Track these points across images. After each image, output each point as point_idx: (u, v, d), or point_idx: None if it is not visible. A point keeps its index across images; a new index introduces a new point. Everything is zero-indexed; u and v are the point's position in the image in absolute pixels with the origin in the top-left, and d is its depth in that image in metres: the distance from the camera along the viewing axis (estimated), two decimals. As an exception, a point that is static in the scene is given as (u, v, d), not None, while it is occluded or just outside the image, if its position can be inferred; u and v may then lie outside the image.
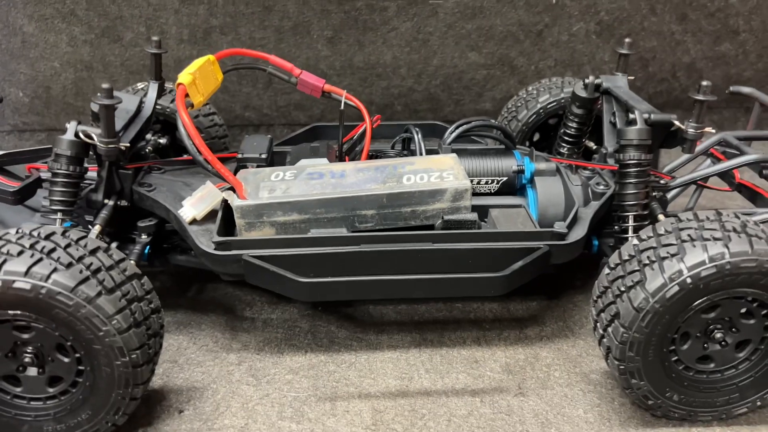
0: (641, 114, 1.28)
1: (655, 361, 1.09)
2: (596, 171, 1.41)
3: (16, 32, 2.06)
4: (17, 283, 0.96)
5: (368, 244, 1.20)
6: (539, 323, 1.43)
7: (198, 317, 1.43)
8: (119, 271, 1.04)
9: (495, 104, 2.25)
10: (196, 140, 1.18)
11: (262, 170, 1.31)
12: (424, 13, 2.12)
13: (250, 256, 1.17)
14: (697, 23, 2.23)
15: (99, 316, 0.98)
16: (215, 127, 1.69)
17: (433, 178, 1.25)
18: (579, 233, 1.26)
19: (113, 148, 1.20)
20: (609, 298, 1.11)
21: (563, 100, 1.65)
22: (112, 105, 1.16)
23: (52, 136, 2.23)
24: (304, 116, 2.26)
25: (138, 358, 1.02)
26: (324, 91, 1.46)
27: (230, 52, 1.43)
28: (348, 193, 1.23)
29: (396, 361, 1.31)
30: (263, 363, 1.30)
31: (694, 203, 1.54)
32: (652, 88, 2.33)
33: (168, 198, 1.30)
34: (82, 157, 1.22)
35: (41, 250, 0.98)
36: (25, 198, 1.28)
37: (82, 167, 1.22)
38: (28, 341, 1.03)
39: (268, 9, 2.07)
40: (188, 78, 1.27)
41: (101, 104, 1.15)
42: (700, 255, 1.02)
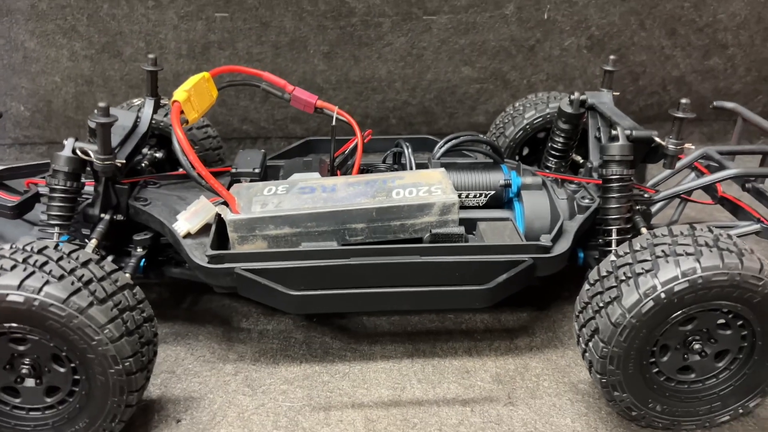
0: (623, 130, 1.31)
1: (636, 373, 1.12)
2: (582, 185, 1.44)
3: (17, 48, 2.10)
4: (11, 297, 0.99)
5: (358, 257, 1.22)
6: (529, 334, 1.45)
7: (195, 328, 1.46)
8: (111, 282, 1.06)
9: (488, 117, 2.29)
10: (190, 156, 1.21)
11: (255, 185, 1.34)
12: (418, 29, 2.16)
13: (242, 269, 1.20)
14: (686, 38, 2.27)
15: (91, 325, 1.01)
16: (209, 139, 1.73)
17: (422, 193, 1.28)
18: (563, 246, 1.29)
19: (109, 164, 1.23)
20: (589, 313, 1.14)
21: (549, 116, 1.68)
22: (108, 123, 1.20)
23: (52, 149, 2.26)
24: (300, 129, 2.29)
25: (131, 366, 1.05)
26: (316, 107, 1.50)
27: (225, 69, 1.47)
28: (338, 207, 1.26)
29: (389, 372, 1.34)
30: (259, 373, 1.33)
31: (678, 216, 1.57)
32: (642, 101, 2.36)
33: (163, 212, 1.33)
34: (80, 172, 1.25)
35: (34, 264, 1.01)
36: (23, 212, 1.31)
37: (79, 182, 1.25)
38: (25, 353, 1.06)
39: (265, 25, 2.11)
40: (183, 95, 1.30)
41: (98, 122, 1.19)
42: (672, 270, 1.05)
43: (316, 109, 1.50)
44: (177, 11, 2.07)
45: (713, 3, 2.22)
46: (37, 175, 1.41)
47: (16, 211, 1.29)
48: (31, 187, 1.35)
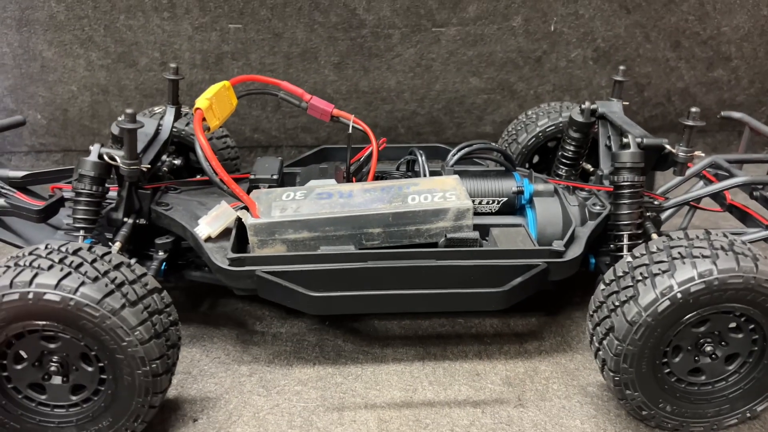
0: (634, 138, 1.34)
1: (649, 372, 1.15)
2: (593, 192, 1.47)
3: (35, 57, 2.14)
4: (47, 296, 1.02)
5: (375, 261, 1.25)
6: (538, 338, 1.48)
7: (210, 331, 1.48)
8: (141, 285, 1.10)
9: (495, 127, 2.33)
10: (213, 162, 1.24)
11: (274, 190, 1.37)
12: (427, 41, 2.20)
13: (263, 272, 1.23)
14: (690, 50, 2.31)
15: (123, 327, 1.03)
16: (227, 149, 1.76)
17: (437, 198, 1.31)
18: (576, 251, 1.31)
19: (135, 169, 1.26)
20: (604, 312, 1.16)
21: (561, 124, 1.72)
22: (135, 129, 1.23)
23: (67, 157, 2.30)
24: (311, 138, 2.33)
25: (158, 368, 1.07)
26: (333, 115, 1.53)
27: (245, 78, 1.50)
28: (355, 212, 1.28)
29: (401, 374, 1.36)
30: (273, 375, 1.35)
31: (688, 223, 1.60)
32: (647, 112, 2.40)
33: (184, 216, 1.36)
34: (105, 177, 1.28)
35: (70, 265, 1.04)
36: (48, 216, 1.34)
37: (104, 187, 1.28)
38: (55, 351, 1.09)
39: (277, 36, 2.15)
40: (205, 103, 1.34)
41: (125, 128, 1.21)
42: (689, 271, 1.08)
43: (332, 117, 1.53)
44: (192, 22, 2.11)
45: (717, 16, 2.26)
46: (61, 180, 1.44)
47: (42, 214, 1.32)
48: (56, 191, 1.38)
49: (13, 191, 1.39)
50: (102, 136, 2.27)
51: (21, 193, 1.39)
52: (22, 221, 1.37)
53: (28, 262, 1.04)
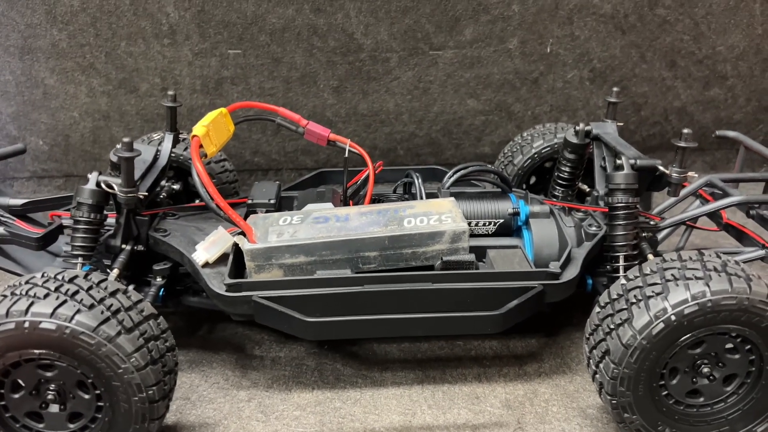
0: (627, 159, 1.35)
1: (646, 395, 1.14)
2: (589, 213, 1.47)
3: (38, 84, 2.17)
4: (43, 324, 1.02)
5: (371, 285, 1.25)
6: (538, 360, 1.47)
7: (209, 356, 1.48)
8: (137, 312, 1.10)
9: (494, 148, 2.34)
10: (209, 188, 1.26)
11: (271, 215, 1.38)
12: (424, 63, 2.23)
13: (260, 297, 1.23)
14: (686, 69, 2.32)
15: (119, 354, 1.04)
16: (226, 173, 1.78)
17: (433, 221, 1.32)
18: (572, 273, 1.31)
19: (132, 196, 1.27)
20: (600, 335, 1.16)
21: (556, 145, 1.73)
22: (132, 157, 1.24)
23: (69, 182, 2.32)
24: (310, 161, 2.35)
25: (154, 394, 1.08)
26: (329, 139, 1.55)
27: (242, 104, 1.52)
28: (352, 236, 1.29)
29: (399, 398, 1.36)
30: (272, 400, 1.35)
31: (685, 243, 1.60)
32: (645, 131, 2.41)
33: (182, 242, 1.37)
34: (103, 204, 1.29)
35: (65, 293, 1.05)
36: (47, 244, 1.35)
37: (102, 214, 1.29)
38: (51, 379, 1.09)
39: (277, 61, 2.18)
40: (202, 130, 1.35)
41: (122, 156, 1.23)
42: (682, 293, 1.08)
43: (329, 141, 1.54)
44: (192, 48, 2.14)
45: (712, 36, 2.28)
46: (60, 208, 1.46)
47: (40, 242, 1.33)
48: (54, 219, 1.39)
49: (13, 219, 1.40)
50: (103, 162, 2.29)
51: (21, 221, 1.40)
52: (21, 249, 1.37)
53: (25, 291, 1.05)
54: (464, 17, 2.17)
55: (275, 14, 2.11)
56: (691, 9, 2.23)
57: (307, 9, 2.12)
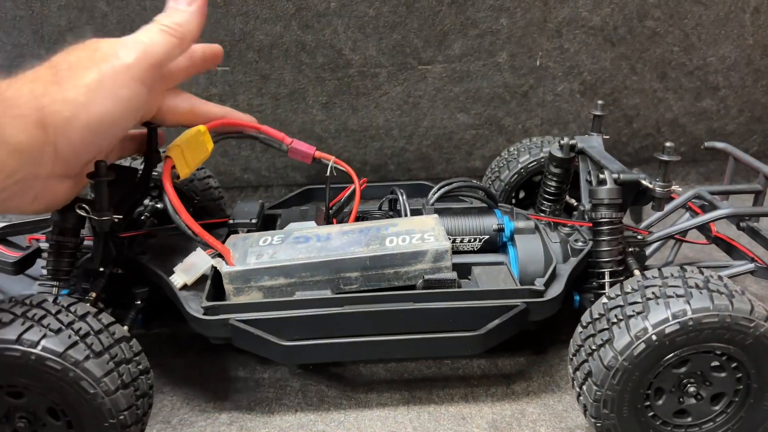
0: (611, 174, 1.33)
1: (631, 417, 1.11)
2: (575, 228, 1.45)
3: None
4: (7, 351, 1.00)
5: (351, 305, 1.23)
6: (526, 378, 1.45)
7: (193, 377, 1.46)
8: (108, 335, 1.08)
9: (485, 162, 2.32)
10: (182, 215, 1.23)
11: (251, 235, 1.36)
12: (413, 78, 2.22)
13: (236, 320, 1.21)
14: (677, 81, 2.31)
15: (87, 379, 1.01)
16: (210, 190, 1.75)
17: (415, 240, 1.30)
18: (557, 290, 1.29)
19: (107, 219, 1.25)
20: (582, 356, 1.14)
21: (543, 160, 1.71)
22: (104, 181, 1.22)
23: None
24: (300, 177, 2.33)
25: (126, 419, 1.05)
26: (314, 157, 1.53)
27: (221, 122, 1.50)
28: (332, 256, 1.27)
29: (384, 419, 1.33)
30: (254, 422, 1.33)
31: (674, 257, 1.58)
32: (637, 143, 2.39)
33: (161, 264, 1.35)
34: (79, 227, 1.27)
35: (32, 318, 1.03)
36: (24, 268, 1.34)
37: (78, 238, 1.27)
38: (21, 406, 1.07)
39: (265, 78, 2.17)
40: (176, 150, 1.32)
41: (96, 179, 1.22)
42: (663, 312, 1.05)
43: (314, 159, 1.53)
44: (179, 66, 2.13)
45: (702, 47, 2.27)
46: (39, 231, 1.44)
47: (17, 266, 1.31)
48: (32, 242, 1.38)
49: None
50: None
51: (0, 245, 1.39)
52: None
53: None
54: (452, 32, 2.16)
55: (263, 31, 2.11)
56: (681, 20, 2.22)
57: (294, 26, 2.11)
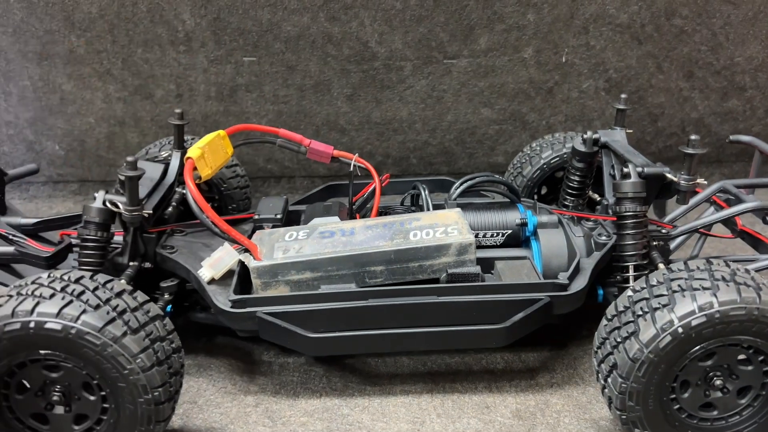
0: (635, 167, 1.33)
1: (657, 409, 1.12)
2: (598, 222, 1.45)
3: (55, 90, 2.20)
4: (49, 324, 1.03)
5: (376, 299, 1.25)
6: (550, 371, 1.45)
7: (218, 361, 1.48)
8: (143, 313, 1.11)
9: (507, 158, 2.32)
10: (208, 213, 1.26)
11: (277, 231, 1.38)
12: (438, 72, 2.22)
13: (264, 313, 1.23)
14: (703, 80, 2.30)
15: (124, 354, 1.04)
16: (236, 178, 1.78)
17: (438, 234, 1.30)
18: (580, 284, 1.30)
19: (137, 215, 1.28)
20: (607, 348, 1.14)
21: (566, 155, 1.71)
22: (136, 176, 1.25)
23: (84, 187, 2.35)
24: (323, 169, 2.35)
25: (160, 396, 1.08)
26: (333, 156, 1.55)
27: (240, 127, 1.53)
28: (357, 250, 1.28)
29: (408, 406, 1.35)
30: (279, 405, 1.35)
31: (699, 251, 1.57)
32: (661, 143, 2.38)
33: (189, 259, 1.37)
34: (109, 223, 1.30)
35: (71, 293, 1.06)
36: (57, 263, 1.37)
37: (108, 232, 1.30)
38: (57, 380, 1.10)
39: (291, 68, 2.19)
40: (197, 152, 1.35)
41: (126, 175, 1.24)
42: (689, 305, 1.06)
43: (332, 159, 1.55)
44: (207, 55, 2.16)
45: (730, 47, 2.25)
46: (70, 227, 1.48)
47: (50, 261, 1.35)
48: (64, 238, 1.41)
49: (24, 238, 1.43)
50: (118, 167, 2.31)
51: (32, 240, 1.43)
52: (32, 268, 1.39)
53: (30, 291, 1.06)
54: (479, 26, 2.17)
55: (290, 22, 2.13)
56: (709, 20, 2.21)
57: (322, 17, 2.13)
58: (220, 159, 1.45)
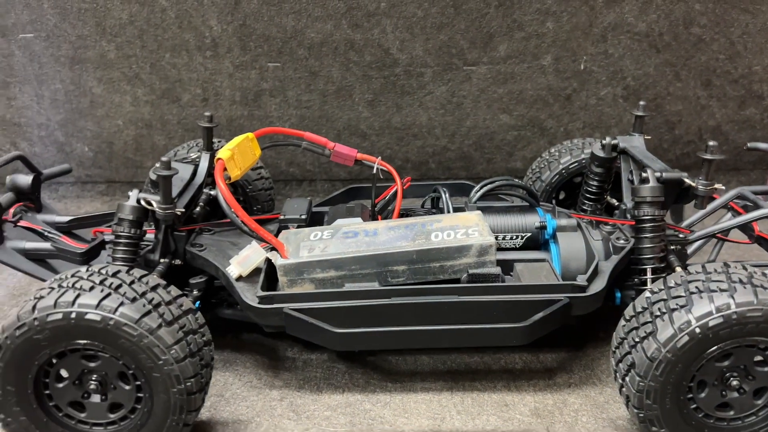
0: (653, 172, 1.36)
1: (673, 409, 1.14)
2: (616, 226, 1.48)
3: (86, 93, 2.27)
4: (89, 315, 1.08)
5: (398, 297, 1.28)
6: (567, 371, 1.48)
7: (243, 356, 1.53)
8: (177, 306, 1.15)
9: (525, 163, 2.35)
10: (238, 212, 1.30)
11: (302, 230, 1.41)
12: (458, 79, 2.26)
13: (290, 309, 1.27)
14: (721, 89, 2.32)
15: (159, 345, 1.09)
16: (261, 180, 1.83)
17: (460, 235, 1.33)
18: (599, 286, 1.32)
19: (170, 213, 1.32)
20: (625, 348, 1.17)
21: (584, 161, 1.73)
22: (170, 175, 1.30)
23: (111, 188, 2.41)
24: (343, 172, 2.39)
25: (192, 386, 1.12)
26: (357, 159, 1.59)
27: (268, 130, 1.57)
28: (380, 250, 1.31)
29: (429, 403, 1.38)
30: (303, 399, 1.39)
31: (716, 256, 1.59)
32: (678, 150, 2.40)
33: (217, 257, 1.40)
34: (142, 220, 1.34)
35: (110, 286, 1.11)
36: (91, 259, 1.42)
37: (141, 230, 1.34)
38: (94, 369, 1.14)
39: (314, 74, 2.24)
40: (227, 153, 1.39)
41: (160, 174, 1.29)
42: (706, 306, 1.08)
43: (356, 161, 1.59)
44: (233, 61, 2.21)
45: (748, 55, 2.27)
46: (102, 224, 1.53)
47: (85, 257, 1.40)
48: (97, 235, 1.47)
49: (59, 235, 1.48)
50: (145, 169, 2.38)
51: (66, 237, 1.48)
52: (68, 264, 1.44)
53: (71, 284, 1.11)
54: (498, 34, 2.20)
55: (314, 29, 2.18)
56: (727, 28, 2.23)
57: (344, 24, 2.17)
58: (249, 160, 1.50)
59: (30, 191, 1.54)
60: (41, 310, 1.08)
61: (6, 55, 2.22)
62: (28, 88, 2.27)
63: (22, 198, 1.55)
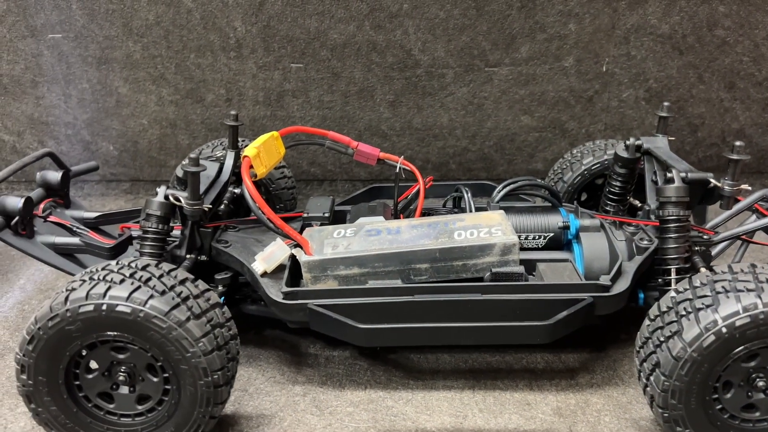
0: (678, 173, 1.36)
1: (698, 409, 1.14)
2: (640, 226, 1.47)
3: (112, 93, 2.30)
4: (119, 307, 1.10)
5: (421, 295, 1.29)
6: (590, 371, 1.48)
7: (266, 352, 1.54)
8: (204, 300, 1.17)
9: (546, 165, 2.35)
10: (264, 209, 1.32)
11: (326, 228, 1.43)
12: (479, 80, 2.27)
13: (315, 305, 1.28)
14: (745, 91, 2.30)
15: (188, 338, 1.10)
16: (284, 179, 1.85)
17: (483, 234, 1.34)
18: (622, 286, 1.32)
19: (198, 209, 1.34)
20: (650, 347, 1.17)
21: (606, 162, 1.73)
22: (198, 172, 1.32)
23: (135, 186, 2.44)
24: (364, 172, 2.41)
25: (219, 379, 1.14)
26: (379, 158, 1.60)
27: (293, 129, 1.59)
28: (403, 248, 1.32)
29: (451, 400, 1.39)
30: (326, 395, 1.40)
31: (741, 257, 1.58)
32: (701, 153, 2.39)
33: (242, 253, 1.42)
34: (170, 216, 1.36)
35: (139, 279, 1.13)
36: (118, 254, 1.45)
37: (169, 225, 1.36)
38: (123, 361, 1.16)
39: (336, 75, 2.26)
40: (253, 151, 1.42)
41: (189, 171, 1.31)
42: (733, 306, 1.08)
43: (378, 160, 1.60)
44: (256, 62, 2.24)
45: (772, 57, 2.26)
46: (129, 221, 1.56)
47: (113, 252, 1.43)
48: (124, 230, 1.49)
49: (87, 231, 1.51)
50: (168, 168, 2.41)
51: (94, 233, 1.51)
52: (95, 258, 1.47)
53: (102, 276, 1.13)
54: (521, 35, 2.21)
55: (337, 30, 2.20)
56: (752, 30, 2.22)
57: (367, 26, 2.19)
58: (274, 159, 1.52)
59: (59, 187, 1.58)
60: (73, 301, 1.10)
61: (35, 55, 2.26)
62: (56, 87, 2.31)
63: (52, 194, 1.59)
